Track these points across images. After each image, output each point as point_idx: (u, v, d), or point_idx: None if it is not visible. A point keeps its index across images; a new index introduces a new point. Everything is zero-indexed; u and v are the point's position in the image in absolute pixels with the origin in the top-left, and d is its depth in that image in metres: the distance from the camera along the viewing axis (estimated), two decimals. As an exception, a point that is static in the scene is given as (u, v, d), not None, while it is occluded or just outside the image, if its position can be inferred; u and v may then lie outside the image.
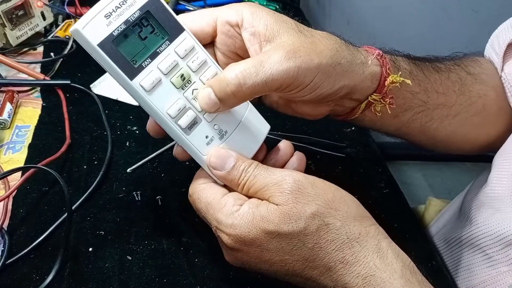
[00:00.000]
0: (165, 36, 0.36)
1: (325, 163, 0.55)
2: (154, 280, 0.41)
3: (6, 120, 0.55)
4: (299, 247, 0.35)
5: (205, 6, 0.81)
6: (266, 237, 0.35)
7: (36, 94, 0.62)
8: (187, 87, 0.37)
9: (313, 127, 0.60)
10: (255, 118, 0.40)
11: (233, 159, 0.37)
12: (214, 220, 0.36)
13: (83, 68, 0.66)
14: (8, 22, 0.65)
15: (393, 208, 0.52)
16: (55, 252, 0.41)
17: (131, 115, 0.59)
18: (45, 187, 0.48)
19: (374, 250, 0.35)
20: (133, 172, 0.51)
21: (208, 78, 0.38)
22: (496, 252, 0.46)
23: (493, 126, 0.52)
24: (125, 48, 0.34)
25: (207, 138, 0.38)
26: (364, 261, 0.34)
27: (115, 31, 0.34)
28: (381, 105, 0.42)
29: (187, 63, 0.37)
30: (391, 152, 1.07)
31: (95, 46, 0.33)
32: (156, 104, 0.36)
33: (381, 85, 0.41)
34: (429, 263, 0.47)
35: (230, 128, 0.39)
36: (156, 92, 0.36)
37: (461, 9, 1.26)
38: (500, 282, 0.45)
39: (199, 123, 0.38)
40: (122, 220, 0.46)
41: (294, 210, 0.34)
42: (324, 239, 0.35)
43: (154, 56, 0.36)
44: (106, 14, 0.34)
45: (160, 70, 0.36)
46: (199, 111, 0.37)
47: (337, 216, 0.35)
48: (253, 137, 0.40)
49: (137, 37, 0.35)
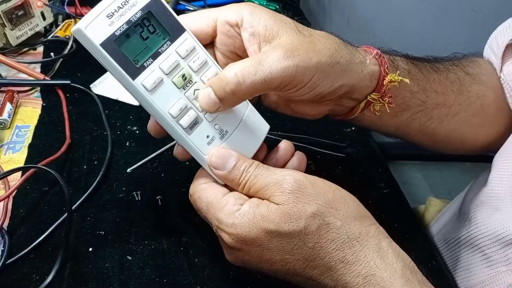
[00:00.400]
0: (167, 37, 0.36)
1: (325, 163, 0.55)
2: (154, 280, 0.41)
3: (6, 120, 0.55)
4: (300, 246, 0.35)
5: (205, 6, 0.81)
6: (266, 237, 0.35)
7: (36, 94, 0.62)
8: (188, 87, 0.37)
9: (313, 127, 0.60)
10: (255, 118, 0.41)
11: (234, 158, 0.37)
12: (215, 220, 0.36)
13: (83, 68, 0.66)
14: (8, 22, 0.65)
15: (393, 208, 0.52)
16: (55, 252, 0.41)
17: (131, 115, 0.59)
18: (45, 187, 0.48)
19: (375, 249, 0.35)
20: (133, 172, 0.51)
21: (208, 78, 0.38)
22: (495, 252, 0.46)
23: (492, 127, 0.52)
24: (127, 48, 0.34)
25: (208, 137, 0.38)
26: (365, 261, 0.34)
27: (117, 31, 0.34)
28: (380, 105, 0.42)
29: (188, 63, 0.37)
30: (391, 152, 1.07)
31: (97, 46, 0.33)
32: (157, 104, 0.36)
33: (379, 84, 0.41)
34: (429, 263, 0.47)
35: (231, 128, 0.39)
36: (158, 91, 0.36)
37: (461, 9, 1.27)
38: (498, 282, 0.45)
39: (200, 123, 0.38)
40: (122, 220, 0.46)
41: (294, 209, 0.35)
42: (324, 239, 0.35)
43: (155, 56, 0.36)
44: (108, 14, 0.34)
45: (161, 70, 0.36)
46: (200, 111, 0.38)
47: (338, 215, 0.35)
48: (253, 136, 0.40)
49: (139, 37, 0.35)
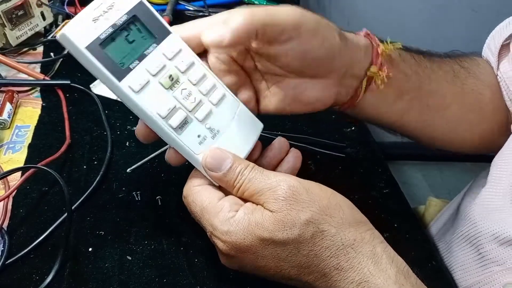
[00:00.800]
0: (152, 39, 0.37)
1: (325, 163, 0.55)
2: (154, 280, 0.41)
3: (6, 120, 0.55)
4: (294, 254, 0.35)
5: (205, 6, 0.81)
6: (260, 244, 0.35)
7: (36, 94, 0.62)
8: (176, 87, 0.37)
9: (313, 127, 0.60)
10: (247, 117, 0.40)
11: (230, 160, 0.37)
12: (209, 226, 0.36)
13: (83, 68, 0.65)
14: (8, 22, 0.65)
15: (393, 208, 0.52)
16: (55, 252, 0.41)
17: (131, 115, 0.59)
18: (45, 187, 0.48)
19: (369, 256, 0.35)
20: (133, 172, 0.51)
21: (196, 79, 0.38)
22: (490, 251, 0.46)
23: (489, 125, 0.53)
24: (113, 51, 0.35)
25: (199, 137, 0.38)
26: (359, 267, 0.34)
27: (102, 35, 0.34)
28: (380, 77, 0.43)
29: (175, 65, 0.37)
30: (391, 152, 1.07)
31: (82, 50, 0.34)
32: (145, 105, 0.36)
33: (375, 55, 0.42)
34: (429, 263, 0.47)
35: (222, 127, 0.39)
36: (145, 93, 0.36)
37: (461, 9, 1.26)
38: (494, 282, 0.45)
39: (190, 122, 0.37)
40: (122, 220, 0.46)
41: (288, 217, 0.34)
42: (319, 246, 0.34)
43: (141, 58, 0.36)
44: (94, 18, 0.34)
45: (148, 71, 0.36)
46: (190, 111, 0.37)
47: (332, 222, 0.35)
48: (246, 135, 0.40)
49: (125, 40, 0.35)
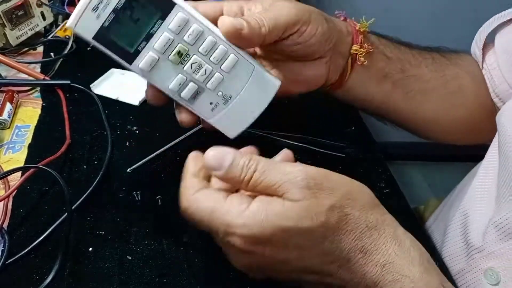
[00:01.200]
0: (157, 15, 0.36)
1: (325, 163, 0.55)
2: (154, 280, 0.41)
3: (6, 120, 0.55)
4: (320, 241, 0.34)
5: None
6: (283, 235, 0.34)
7: (36, 94, 0.62)
8: (186, 61, 0.38)
9: (313, 127, 0.60)
10: (262, 78, 0.40)
11: (230, 155, 0.36)
12: (223, 225, 0.34)
13: (83, 68, 0.66)
14: (8, 22, 0.65)
15: (393, 208, 0.51)
16: (55, 252, 0.41)
17: (131, 115, 0.59)
18: (45, 187, 0.48)
19: (392, 237, 0.35)
20: (133, 172, 0.51)
21: (206, 49, 0.38)
22: (474, 239, 0.47)
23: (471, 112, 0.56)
24: (119, 36, 0.35)
25: (212, 104, 0.40)
26: (383, 249, 0.35)
27: (105, 22, 0.35)
28: (362, 55, 0.48)
29: (183, 38, 0.38)
30: (391, 152, 1.07)
31: (90, 40, 0.35)
32: (157, 82, 0.38)
33: (355, 34, 0.49)
34: (429, 263, 0.47)
35: (235, 92, 0.40)
36: (156, 71, 0.38)
37: (461, 9, 1.26)
38: (476, 269, 0.46)
39: (202, 92, 0.39)
40: (122, 220, 0.46)
41: (313, 204, 0.34)
42: (344, 230, 0.34)
43: (148, 38, 0.37)
44: (93, 7, 0.34)
45: (156, 50, 0.37)
46: (201, 82, 0.39)
47: (355, 206, 0.35)
48: (259, 98, 0.40)
49: (129, 20, 0.36)
